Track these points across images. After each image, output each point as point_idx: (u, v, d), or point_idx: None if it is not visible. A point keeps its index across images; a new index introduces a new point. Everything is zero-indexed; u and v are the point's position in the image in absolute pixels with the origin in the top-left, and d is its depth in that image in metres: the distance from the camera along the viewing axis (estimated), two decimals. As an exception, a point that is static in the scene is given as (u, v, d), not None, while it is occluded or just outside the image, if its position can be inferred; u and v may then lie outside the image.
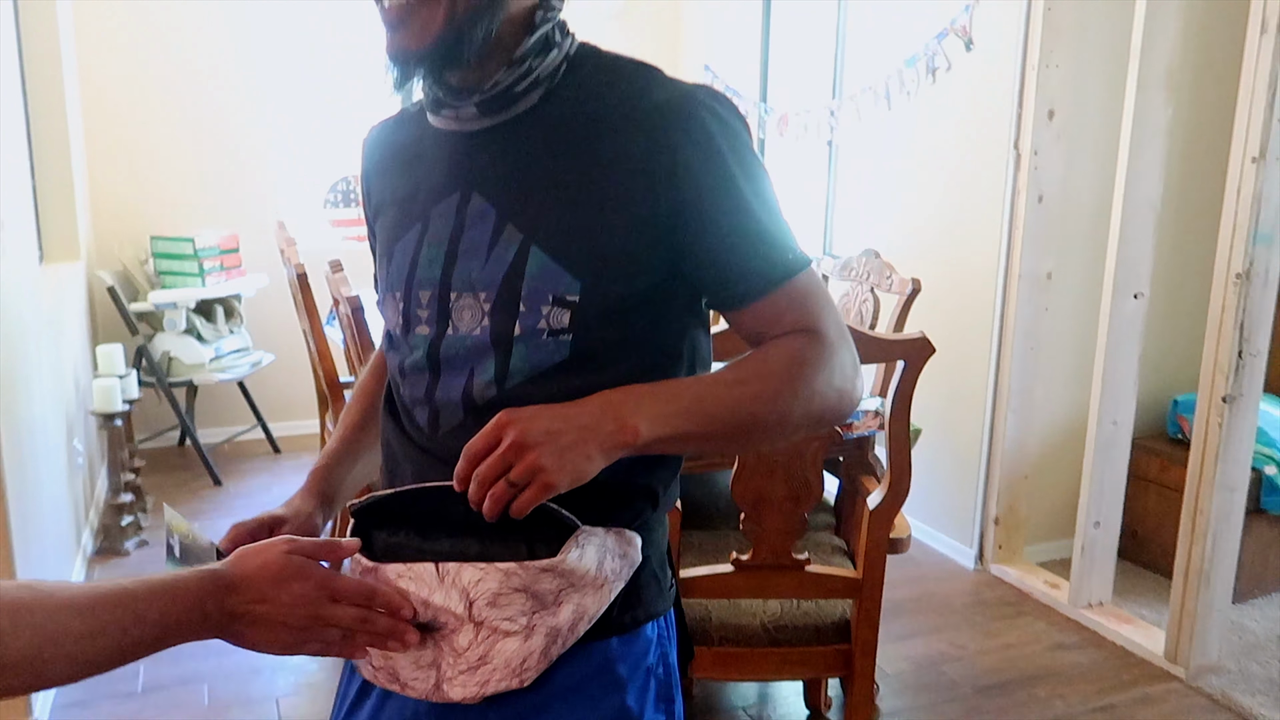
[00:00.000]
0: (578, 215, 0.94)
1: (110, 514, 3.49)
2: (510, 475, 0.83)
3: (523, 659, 0.92)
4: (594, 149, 0.94)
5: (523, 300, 0.94)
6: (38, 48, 3.64)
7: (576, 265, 0.93)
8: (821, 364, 0.96)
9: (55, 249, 3.77)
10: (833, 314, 1.00)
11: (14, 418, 2.41)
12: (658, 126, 0.93)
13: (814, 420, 0.98)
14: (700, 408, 0.91)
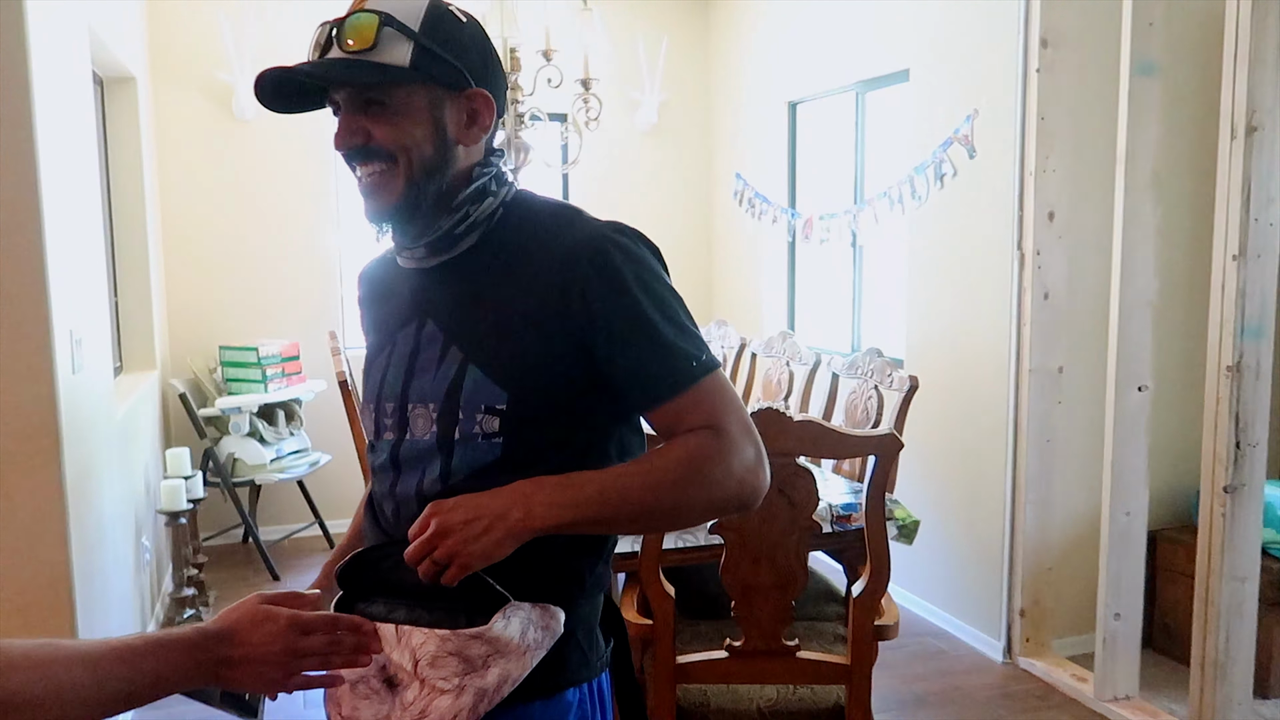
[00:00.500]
0: (505, 338, 1.14)
1: (173, 607, 3.73)
2: (434, 556, 1.01)
3: (454, 714, 1.09)
4: (520, 282, 1.15)
5: (461, 409, 1.13)
6: (123, 181, 4.05)
7: (503, 379, 1.13)
8: (720, 457, 1.12)
9: (133, 360, 4.12)
10: (736, 412, 1.15)
11: (83, 518, 2.66)
12: (571, 263, 1.12)
13: (716, 505, 1.14)
14: (602, 496, 1.08)
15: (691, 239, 5.51)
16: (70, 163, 2.76)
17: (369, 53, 1.10)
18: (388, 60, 1.10)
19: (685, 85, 5.39)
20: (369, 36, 1.09)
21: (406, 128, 1.12)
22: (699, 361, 1.14)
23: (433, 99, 1.13)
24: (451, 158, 1.15)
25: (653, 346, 1.12)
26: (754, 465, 1.14)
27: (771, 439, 1.89)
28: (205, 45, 4.56)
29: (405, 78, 1.11)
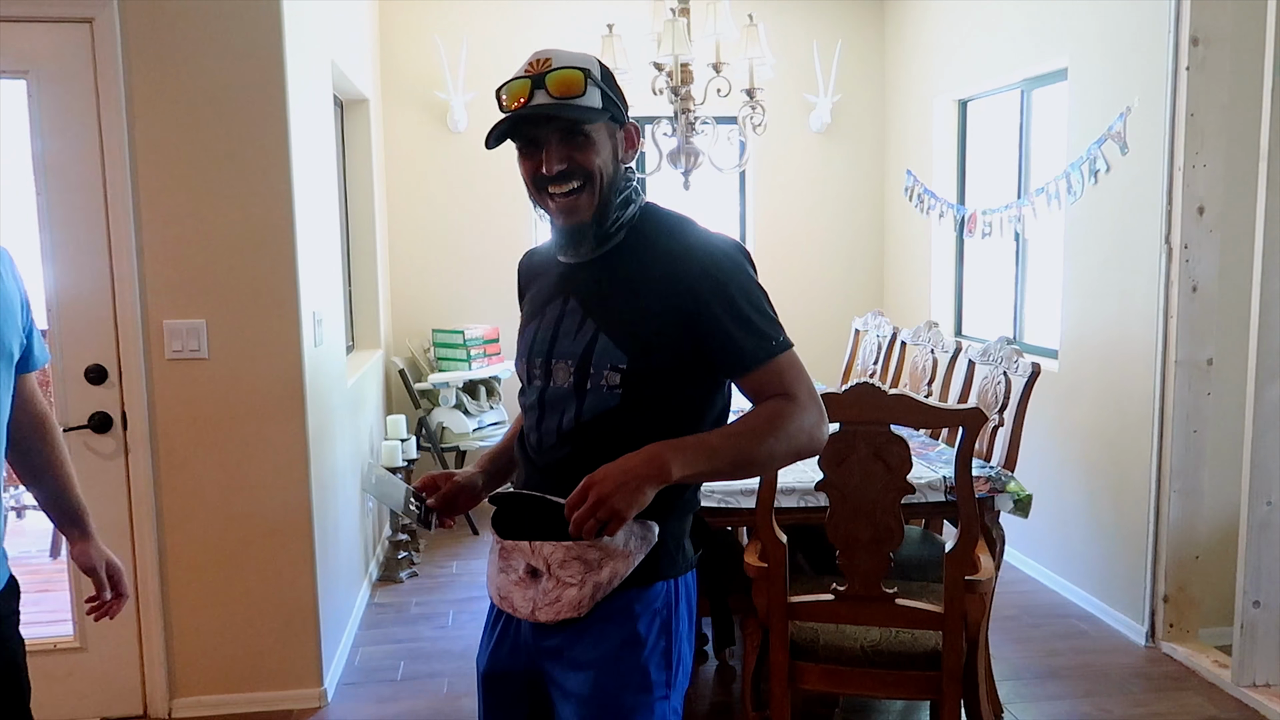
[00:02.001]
0: (629, 315, 1.51)
1: (390, 550, 4.38)
2: (597, 515, 1.36)
3: (579, 600, 1.49)
4: (645, 273, 1.52)
5: (591, 365, 1.52)
6: (357, 187, 4.75)
7: (625, 345, 1.50)
8: (793, 417, 1.46)
9: (362, 339, 4.83)
10: (804, 383, 1.50)
11: (320, 466, 3.27)
12: (685, 262, 1.49)
13: (792, 453, 1.49)
14: (709, 453, 1.43)
15: (863, 234, 5.72)
16: (316, 173, 3.38)
17: (579, 99, 1.46)
18: (589, 103, 1.48)
19: (859, 86, 5.60)
20: (578, 86, 1.46)
21: (599, 153, 1.50)
22: (777, 342, 1.49)
23: (610, 131, 1.53)
24: (620, 176, 1.54)
25: (742, 328, 1.47)
26: (817, 422, 1.49)
27: (867, 409, 2.21)
28: (426, 69, 5.23)
29: (600, 117, 1.49)
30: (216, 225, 2.94)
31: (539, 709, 1.59)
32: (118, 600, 1.90)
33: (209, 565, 3.04)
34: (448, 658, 3.49)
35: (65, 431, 2.91)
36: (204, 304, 2.96)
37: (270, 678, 3.10)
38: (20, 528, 4.51)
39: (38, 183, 2.88)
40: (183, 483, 3.00)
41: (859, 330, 4.56)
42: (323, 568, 3.19)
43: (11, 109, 2.93)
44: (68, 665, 3.02)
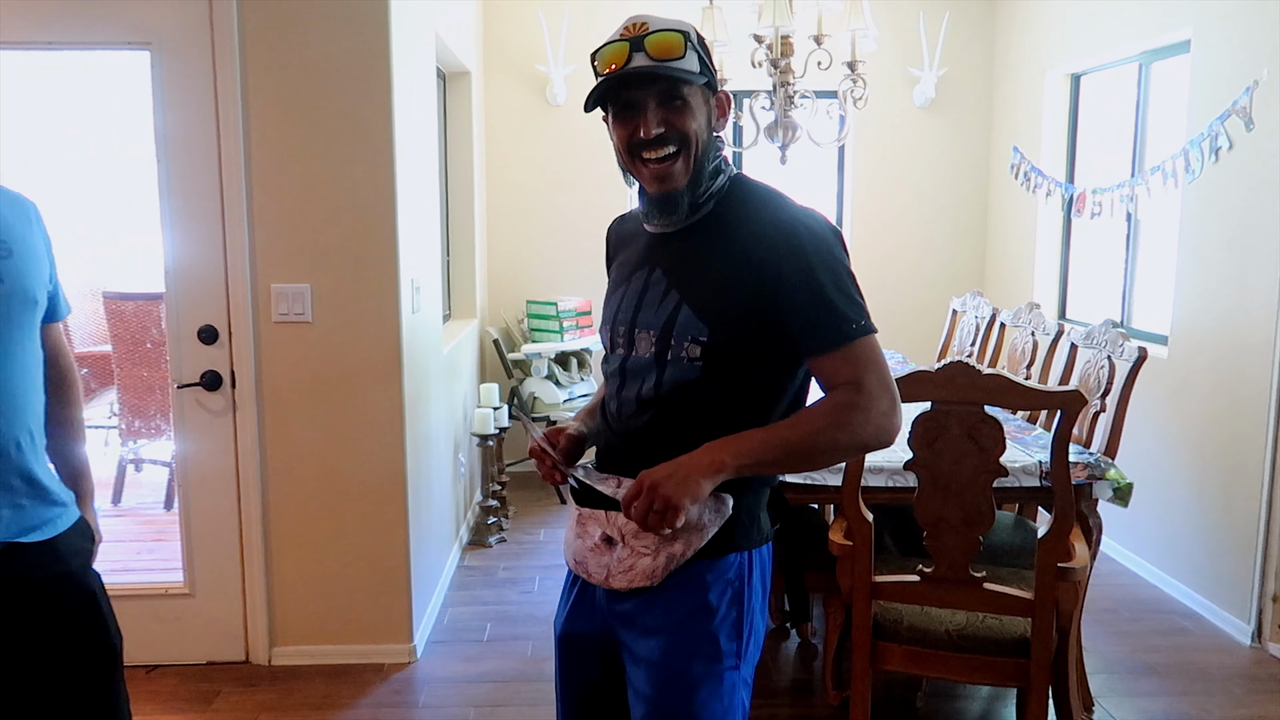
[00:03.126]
0: (712, 288, 1.50)
1: (481, 515, 4.49)
2: (654, 506, 1.39)
3: (652, 570, 1.51)
4: (731, 247, 1.50)
5: (673, 336, 1.51)
6: (458, 158, 4.84)
7: (707, 318, 1.49)
8: (859, 408, 1.43)
9: (459, 309, 4.93)
10: (877, 370, 1.45)
11: (416, 430, 3.37)
12: (770, 238, 1.47)
13: (857, 445, 1.46)
14: (765, 445, 1.43)
15: (966, 212, 5.57)
16: (418, 145, 3.45)
17: (679, 61, 1.44)
18: (689, 67, 1.47)
19: (966, 60, 5.44)
20: (679, 49, 1.45)
21: (696, 118, 1.49)
22: (858, 325, 1.45)
23: (705, 98, 1.51)
24: (712, 143, 1.54)
25: (822, 308, 1.44)
26: (887, 414, 1.44)
27: (961, 388, 2.16)
28: (527, 42, 5.28)
29: (698, 80, 1.48)
30: (322, 195, 3.03)
31: (612, 671, 1.62)
32: None
33: (308, 521, 3.16)
34: (532, 622, 3.56)
35: (179, 388, 3.06)
36: (309, 270, 3.06)
37: (363, 632, 3.22)
38: (138, 480, 4.77)
39: (159, 152, 3.01)
40: (286, 440, 3.12)
41: (957, 311, 4.46)
42: (415, 529, 3.29)
43: (137, 80, 3.07)
44: (177, 610, 3.18)
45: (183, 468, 3.15)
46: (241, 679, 3.11)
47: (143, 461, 4.67)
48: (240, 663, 3.20)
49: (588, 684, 1.66)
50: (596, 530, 1.58)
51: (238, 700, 2.99)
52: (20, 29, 2.94)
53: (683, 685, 1.49)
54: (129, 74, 4.58)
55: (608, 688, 1.63)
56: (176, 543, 3.20)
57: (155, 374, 4.26)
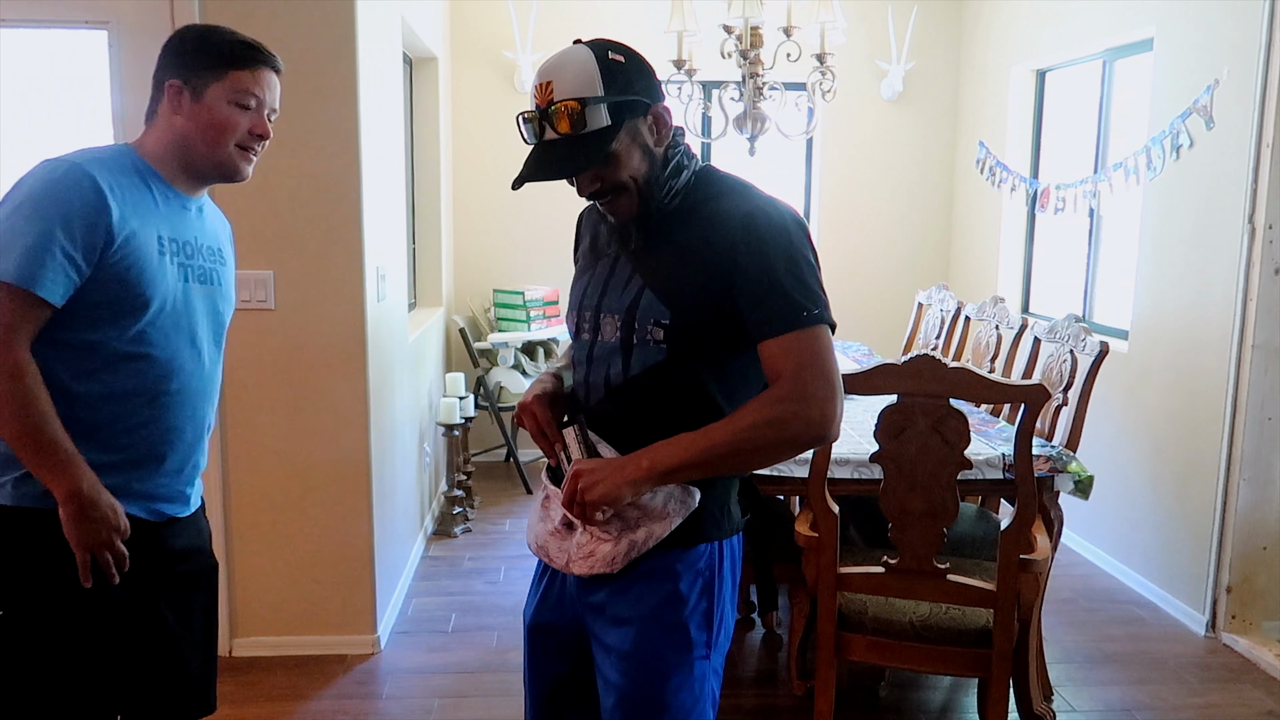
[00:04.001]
0: (674, 273, 1.50)
1: (446, 505, 4.46)
2: (576, 499, 1.45)
3: (612, 556, 1.51)
4: (693, 235, 1.50)
5: (637, 320, 1.51)
6: (423, 145, 4.79)
7: (668, 301, 1.49)
8: (791, 404, 1.40)
9: (424, 297, 4.88)
10: (819, 365, 1.41)
11: (380, 418, 3.33)
12: (730, 226, 1.47)
13: (789, 443, 1.44)
14: (691, 448, 1.42)
15: (932, 206, 5.61)
16: (384, 130, 3.41)
17: (582, 129, 1.43)
18: (595, 126, 1.45)
19: (933, 54, 5.47)
20: (578, 121, 1.43)
21: (626, 164, 1.49)
22: (808, 313, 1.43)
23: (632, 132, 1.49)
24: (658, 162, 1.52)
25: (773, 292, 1.43)
26: (823, 410, 1.41)
27: (927, 381, 2.18)
28: (495, 28, 5.23)
29: (613, 132, 1.46)
30: (286, 180, 2.99)
31: (581, 662, 1.62)
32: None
33: (271, 510, 3.12)
34: (498, 612, 3.55)
35: (137, 375, 3.00)
36: (272, 256, 3.02)
37: (326, 623, 3.19)
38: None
39: (116, 135, 2.94)
40: (247, 429, 3.07)
41: (922, 304, 4.49)
42: (380, 518, 3.26)
43: (93, 61, 3.01)
44: (136, 600, 3.13)
45: (141, 456, 3.09)
46: (201, 670, 3.07)
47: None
48: (200, 654, 3.15)
49: (557, 674, 1.67)
50: (559, 512, 1.58)
51: (197, 692, 2.95)
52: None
53: (653, 675, 1.49)
54: (86, 53, 4.47)
55: (577, 678, 1.64)
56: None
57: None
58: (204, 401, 1.78)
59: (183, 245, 1.72)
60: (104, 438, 1.64)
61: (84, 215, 1.56)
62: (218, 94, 1.68)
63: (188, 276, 1.73)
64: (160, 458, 1.71)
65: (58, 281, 1.55)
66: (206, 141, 1.70)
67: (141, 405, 1.66)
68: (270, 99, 1.75)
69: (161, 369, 1.68)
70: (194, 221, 1.77)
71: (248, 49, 1.72)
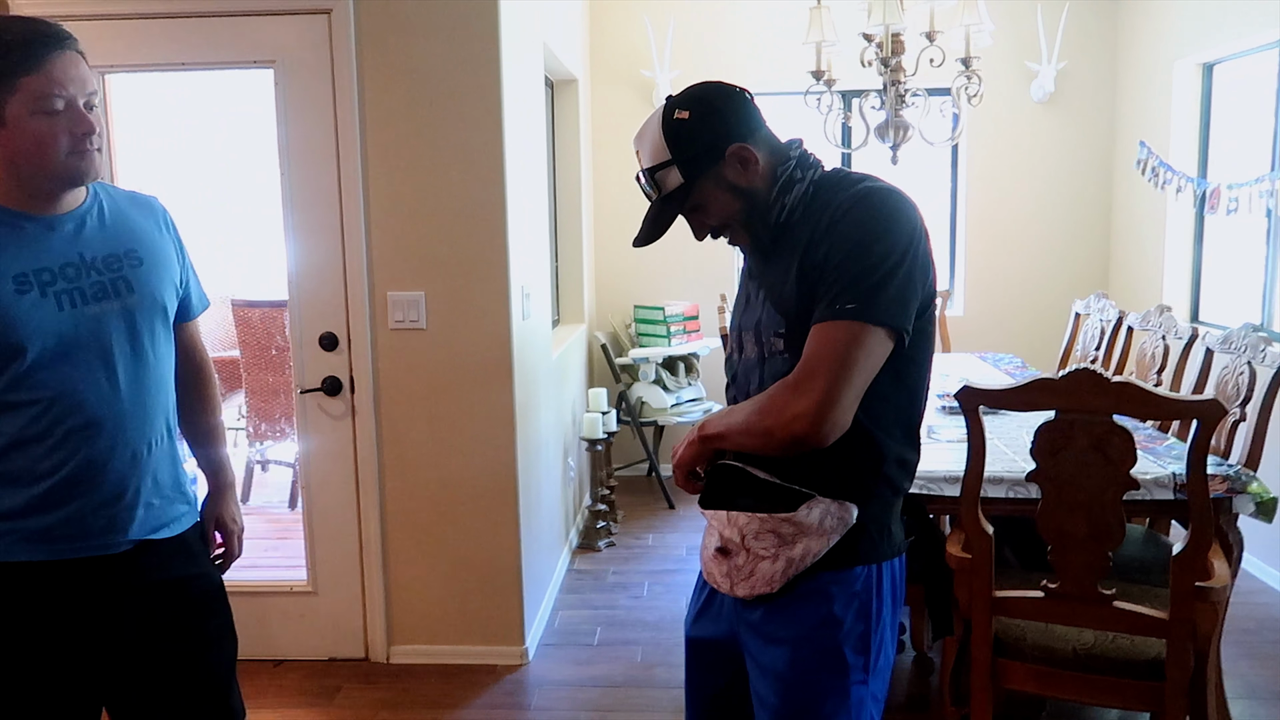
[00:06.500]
0: (786, 280, 1.49)
1: (589, 519, 4.52)
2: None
3: (771, 574, 1.50)
4: (804, 239, 1.48)
5: (763, 334, 1.53)
6: (565, 165, 4.89)
7: (782, 309, 1.50)
8: (782, 394, 1.41)
9: (567, 314, 4.98)
10: (832, 361, 1.37)
11: (526, 433, 3.41)
12: (825, 220, 1.45)
13: (764, 434, 1.43)
14: (718, 422, 1.51)
15: (1088, 210, 5.34)
16: (527, 153, 3.50)
17: (662, 192, 1.54)
18: (671, 187, 1.52)
19: (1087, 52, 5.22)
20: (655, 186, 1.54)
21: (718, 209, 1.55)
22: (855, 305, 1.38)
23: (715, 179, 1.52)
24: (757, 192, 1.53)
25: (829, 281, 1.41)
26: (810, 410, 1.37)
27: (1088, 397, 2.08)
28: (632, 48, 5.30)
29: (688, 189, 1.52)
30: (435, 204, 3.10)
31: (740, 676, 1.62)
32: (225, 557, 1.97)
33: (424, 522, 3.23)
34: (642, 627, 3.57)
35: (301, 393, 3.17)
36: (423, 277, 3.13)
37: (477, 633, 3.27)
38: (264, 480, 4.96)
39: (282, 164, 3.13)
40: (402, 444, 3.20)
41: (1080, 314, 4.28)
42: (526, 532, 3.33)
43: (262, 96, 3.20)
44: (301, 607, 3.30)
45: (305, 469, 3.27)
46: (361, 676, 3.21)
47: (268, 462, 4.86)
48: (360, 660, 3.29)
49: (715, 687, 1.69)
50: (714, 540, 1.59)
51: (359, 696, 3.08)
52: (159, 52, 3.10)
53: (808, 697, 1.48)
54: (253, 90, 4.78)
55: (735, 692, 1.65)
56: (300, 541, 3.32)
57: (280, 379, 4.44)
58: (133, 422, 1.65)
59: (60, 270, 1.59)
60: (23, 486, 1.58)
61: None
62: (18, 110, 1.49)
63: (76, 301, 1.59)
64: (87, 494, 1.61)
65: None
66: (32, 162, 1.53)
67: (48, 450, 1.57)
68: (77, 87, 1.53)
69: (60, 409, 1.57)
70: (71, 239, 1.62)
71: (25, 46, 1.49)
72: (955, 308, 5.42)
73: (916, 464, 1.58)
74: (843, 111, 4.52)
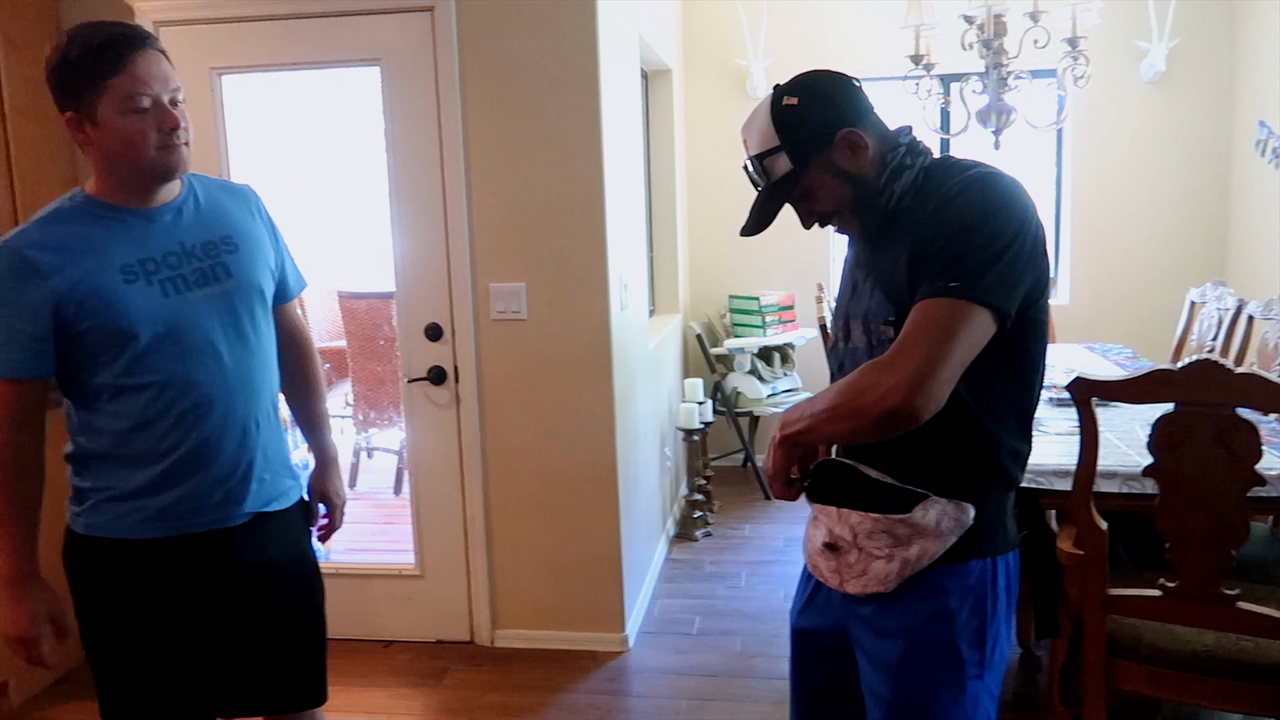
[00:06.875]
0: (895, 268, 1.48)
1: (686, 508, 4.54)
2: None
3: (886, 574, 1.49)
4: (912, 226, 1.47)
5: (871, 322, 1.52)
6: (659, 156, 4.91)
7: (891, 297, 1.48)
8: (874, 372, 1.37)
9: (662, 304, 5.00)
10: (929, 337, 1.34)
11: (625, 422, 3.44)
12: (934, 205, 1.44)
13: (854, 414, 1.38)
14: (805, 410, 1.46)
15: (1203, 194, 5.13)
16: (624, 145, 3.52)
17: (772, 179, 1.54)
18: (780, 173, 1.52)
19: (1202, 28, 5.00)
20: (764, 173, 1.54)
21: (827, 196, 1.54)
22: (958, 284, 1.35)
23: (823, 164, 1.51)
24: (866, 178, 1.52)
25: (932, 261, 1.39)
26: (903, 385, 1.33)
27: (1209, 389, 2.01)
28: (726, 36, 5.28)
29: (797, 175, 1.51)
30: (536, 196, 3.15)
31: (846, 667, 1.62)
32: (327, 528, 2.07)
33: (525, 509, 3.30)
34: (741, 617, 3.58)
35: (409, 383, 3.27)
36: (524, 269, 3.19)
37: (578, 619, 3.33)
38: (369, 466, 5.12)
39: (388, 159, 3.22)
40: (504, 433, 3.27)
41: (1195, 302, 4.12)
42: (626, 520, 3.37)
43: (369, 93, 3.30)
44: (409, 590, 3.40)
45: (412, 456, 3.36)
46: (467, 658, 3.29)
47: (374, 449, 5.01)
48: (466, 642, 3.38)
49: (821, 677, 1.69)
50: (820, 534, 1.58)
51: (465, 678, 3.17)
52: (271, 53, 3.22)
53: (922, 691, 1.47)
54: (359, 88, 4.92)
55: (841, 682, 1.64)
56: (406, 526, 3.43)
57: (386, 368, 4.57)
58: (243, 398, 1.74)
59: (162, 259, 1.68)
60: (145, 466, 1.68)
61: (19, 289, 1.59)
62: (109, 110, 1.58)
63: (180, 287, 1.69)
64: (202, 471, 1.71)
65: (24, 359, 1.61)
66: (125, 159, 1.62)
67: (165, 431, 1.67)
68: (160, 85, 1.61)
69: (174, 391, 1.67)
70: (170, 229, 1.71)
71: (108, 48, 1.58)
72: (1061, 296, 5.26)
73: (1028, 456, 1.56)
74: (942, 96, 4.43)
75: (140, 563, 1.72)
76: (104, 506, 1.71)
